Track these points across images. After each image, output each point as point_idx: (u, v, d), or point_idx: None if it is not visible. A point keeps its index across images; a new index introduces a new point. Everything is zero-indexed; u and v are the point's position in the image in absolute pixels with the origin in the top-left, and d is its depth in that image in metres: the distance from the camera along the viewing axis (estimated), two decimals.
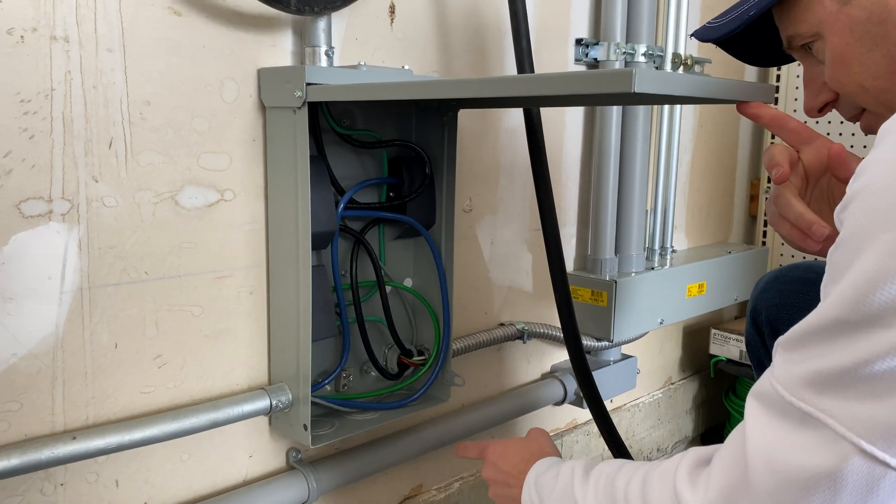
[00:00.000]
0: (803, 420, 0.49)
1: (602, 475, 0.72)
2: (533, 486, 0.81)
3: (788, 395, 0.50)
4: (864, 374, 0.46)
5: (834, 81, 0.68)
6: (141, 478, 0.93)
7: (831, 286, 0.49)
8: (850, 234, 0.49)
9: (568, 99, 0.92)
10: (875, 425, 0.45)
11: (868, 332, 0.46)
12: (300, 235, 0.94)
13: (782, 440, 0.50)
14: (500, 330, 1.36)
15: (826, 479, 0.47)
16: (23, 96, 0.78)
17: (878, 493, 0.46)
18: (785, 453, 0.50)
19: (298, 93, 0.90)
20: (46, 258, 0.82)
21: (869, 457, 0.46)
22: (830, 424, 0.47)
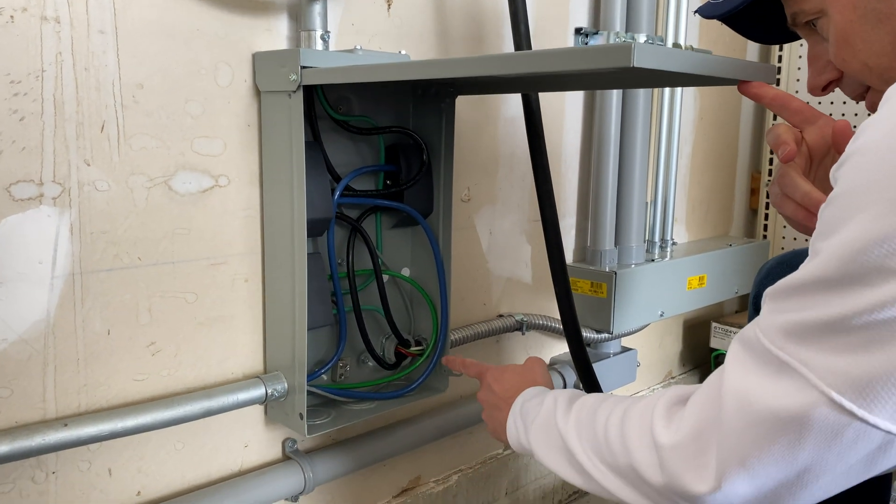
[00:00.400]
0: (780, 368, 0.51)
1: (584, 407, 0.73)
2: (518, 412, 0.83)
3: (768, 342, 0.52)
4: (843, 328, 0.47)
5: (838, 59, 0.67)
6: (134, 467, 0.92)
7: (820, 242, 0.50)
8: (843, 191, 0.49)
9: (567, 81, 0.91)
10: (846, 377, 0.47)
11: (852, 290, 0.47)
12: (295, 222, 0.93)
13: (757, 384, 0.52)
14: (499, 321, 1.35)
15: (793, 423, 0.49)
16: (12, 77, 0.77)
17: (843, 438, 0.48)
18: (758, 396, 0.51)
19: (293, 76, 0.88)
20: (37, 242, 0.81)
21: (837, 406, 0.47)
22: (804, 373, 0.49)
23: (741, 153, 2.03)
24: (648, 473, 0.60)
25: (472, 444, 1.39)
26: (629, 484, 0.64)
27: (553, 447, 0.74)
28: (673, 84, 0.85)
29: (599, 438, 0.68)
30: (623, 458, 0.64)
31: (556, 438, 0.74)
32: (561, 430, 0.73)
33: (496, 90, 1.05)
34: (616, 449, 0.65)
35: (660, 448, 0.59)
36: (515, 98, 1.31)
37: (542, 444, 0.76)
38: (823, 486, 0.51)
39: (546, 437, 0.76)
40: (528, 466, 1.49)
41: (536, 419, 0.78)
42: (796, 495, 0.52)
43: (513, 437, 0.84)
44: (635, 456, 0.62)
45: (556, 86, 0.95)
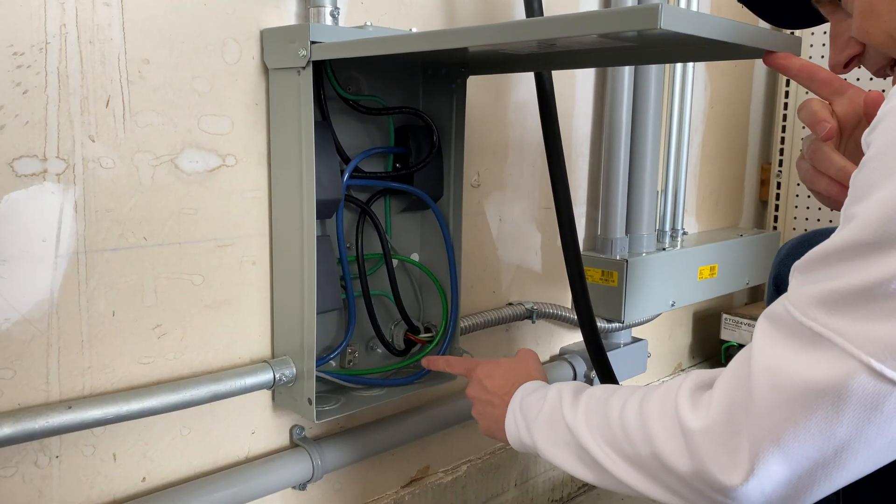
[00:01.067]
0: (813, 340, 0.48)
1: (594, 397, 0.70)
2: (518, 408, 0.79)
3: (799, 314, 0.49)
4: (880, 293, 0.45)
5: (861, 32, 0.65)
6: (139, 452, 0.90)
7: (853, 207, 0.48)
8: (876, 153, 0.47)
9: (582, 57, 0.88)
10: (885, 344, 0.44)
11: (890, 253, 0.44)
12: (304, 203, 0.91)
13: (789, 358, 0.49)
14: (509, 309, 1.32)
15: (830, 395, 0.46)
16: (16, 49, 0.75)
17: (884, 409, 0.45)
18: (791, 369, 0.48)
19: (303, 52, 0.86)
20: (41, 220, 0.79)
21: (876, 374, 0.44)
22: (839, 343, 0.46)
23: (751, 144, 2.01)
24: (674, 461, 0.57)
25: (481, 434, 1.36)
26: (650, 476, 0.60)
27: (561, 443, 0.71)
28: (694, 57, 0.82)
29: (615, 429, 0.64)
30: (644, 448, 0.60)
31: (565, 433, 0.70)
32: (569, 423, 0.69)
33: (509, 68, 1.03)
34: (635, 438, 0.61)
35: (688, 433, 0.55)
36: (526, 83, 1.29)
37: (548, 441, 0.73)
38: (861, 463, 0.48)
39: (552, 432, 0.72)
40: (538, 458, 1.47)
41: (540, 414, 0.75)
42: (833, 476, 0.49)
43: (513, 435, 0.80)
44: (659, 444, 0.58)
45: (571, 62, 0.93)
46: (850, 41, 0.68)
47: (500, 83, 1.27)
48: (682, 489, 0.57)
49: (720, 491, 0.53)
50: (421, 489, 1.25)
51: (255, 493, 0.97)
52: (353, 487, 1.15)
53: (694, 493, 0.56)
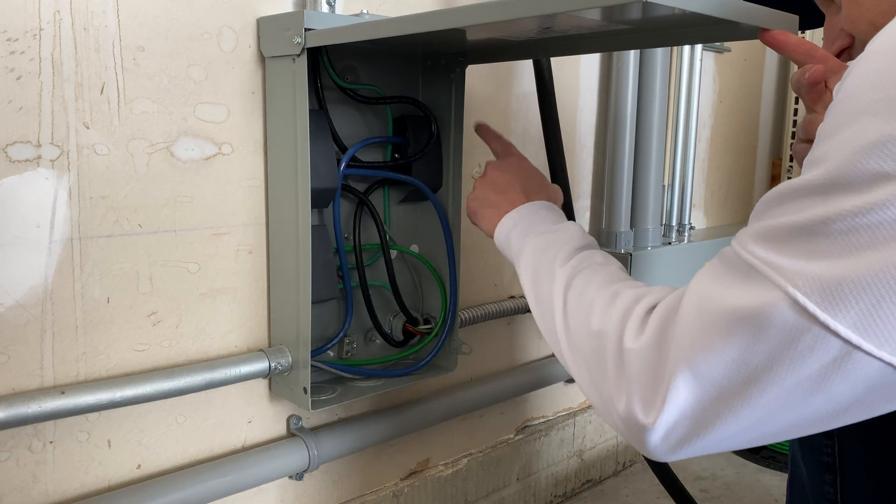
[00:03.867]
0: (746, 272, 0.47)
1: (588, 264, 0.68)
2: (527, 213, 0.77)
3: (739, 248, 0.48)
4: (820, 232, 0.43)
5: (848, 21, 0.65)
6: (134, 439, 0.90)
7: (814, 152, 0.47)
8: (842, 97, 0.46)
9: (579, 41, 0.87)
10: (814, 280, 0.43)
11: (840, 194, 0.43)
12: (300, 192, 0.91)
13: (720, 287, 0.48)
14: (511, 302, 1.32)
15: (751, 322, 0.45)
16: (9, 35, 0.75)
17: (799, 344, 0.44)
18: (718, 297, 0.48)
19: (297, 39, 0.86)
20: (35, 205, 0.79)
21: (799, 307, 0.43)
22: (769, 274, 0.45)
23: (762, 139, 1.98)
24: (610, 373, 0.56)
25: (482, 427, 1.36)
26: (588, 369, 0.60)
27: (538, 275, 0.70)
28: (692, 39, 0.81)
29: (582, 307, 0.63)
30: (593, 343, 0.59)
31: (547, 271, 0.69)
32: (556, 270, 0.68)
33: (507, 56, 1.02)
34: (592, 328, 0.60)
35: (625, 352, 0.55)
36: (527, 73, 1.28)
37: (529, 261, 0.71)
38: (767, 402, 0.47)
39: (539, 259, 0.71)
40: (541, 453, 1.46)
41: (542, 235, 0.73)
42: (736, 411, 0.48)
43: (504, 228, 0.78)
44: (605, 349, 0.58)
45: (570, 48, 0.92)
46: (840, 33, 0.68)
47: (502, 74, 1.26)
48: (606, 399, 0.57)
49: (634, 426, 0.52)
50: (420, 482, 1.24)
51: (251, 482, 0.97)
52: (352, 479, 1.15)
53: (613, 411, 0.56)
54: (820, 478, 0.80)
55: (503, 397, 1.33)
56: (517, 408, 1.42)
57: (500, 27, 0.79)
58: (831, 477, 0.79)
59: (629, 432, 0.53)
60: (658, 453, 0.52)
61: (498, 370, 1.36)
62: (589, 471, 1.59)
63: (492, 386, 1.30)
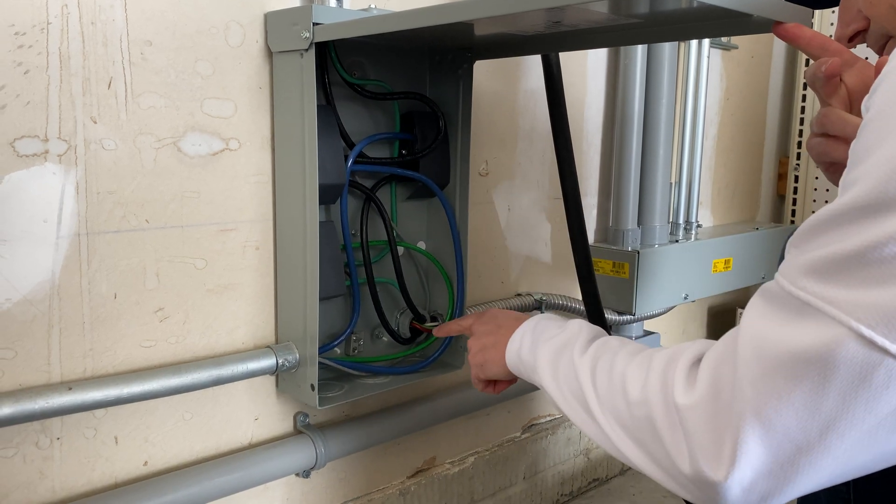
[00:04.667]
0: (801, 310, 0.45)
1: (605, 347, 0.67)
2: (531, 328, 0.76)
3: (789, 284, 0.46)
4: (872, 258, 0.41)
5: (866, 4, 0.64)
6: (141, 436, 0.90)
7: (849, 174, 0.45)
8: (875, 115, 0.45)
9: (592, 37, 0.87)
10: (877, 311, 0.41)
11: (885, 216, 0.41)
12: (307, 188, 0.90)
13: (775, 329, 0.46)
14: (517, 300, 1.31)
15: (816, 365, 0.42)
16: (17, 28, 0.75)
17: (872, 381, 0.41)
18: (775, 339, 0.45)
19: (305, 33, 0.86)
20: (42, 200, 0.79)
21: (867, 342, 0.41)
22: (829, 311, 0.43)
23: (768, 137, 1.97)
24: (666, 435, 0.53)
25: (488, 425, 1.35)
26: (638, 442, 0.57)
27: (561, 376, 0.68)
28: (703, 33, 0.80)
29: (615, 386, 0.61)
30: (639, 411, 0.57)
31: (568, 368, 0.67)
32: (576, 362, 0.66)
33: (515, 51, 1.02)
34: (633, 399, 0.58)
35: (678, 408, 0.52)
36: (536, 70, 1.27)
37: (548, 366, 0.70)
38: (848, 448, 0.44)
39: (557, 360, 0.69)
40: (547, 451, 1.46)
41: (552, 340, 0.71)
42: (817, 464, 0.45)
43: (513, 349, 0.76)
44: (654, 412, 0.55)
45: (578, 42, 0.91)
46: (857, 15, 0.67)
47: (510, 70, 1.26)
48: (667, 464, 0.54)
49: (705, 485, 0.50)
50: (427, 480, 1.23)
51: (258, 480, 0.96)
52: (358, 476, 1.14)
53: (678, 474, 0.53)
54: None
55: (510, 395, 1.32)
56: (524, 406, 1.42)
57: (508, 21, 0.78)
58: None
59: (702, 493, 0.50)
60: None
61: None
62: (596, 469, 1.58)
63: None
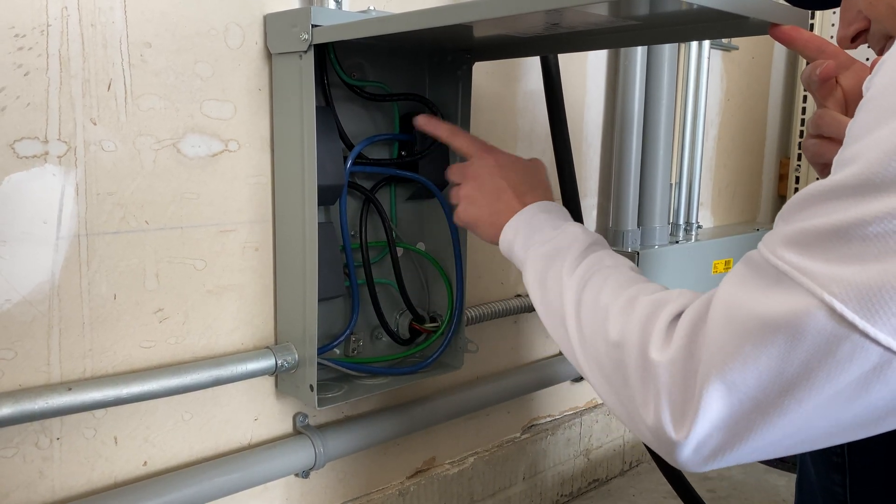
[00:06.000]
0: (777, 279, 0.45)
1: (598, 267, 0.66)
2: (527, 219, 0.75)
3: (768, 253, 0.46)
4: (855, 235, 0.42)
5: (866, 4, 0.64)
6: (141, 436, 0.90)
7: (846, 151, 0.45)
8: (873, 95, 0.45)
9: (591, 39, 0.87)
10: (852, 287, 0.41)
11: (876, 195, 0.41)
12: (306, 189, 0.91)
13: (749, 294, 0.46)
14: (517, 301, 1.31)
15: (784, 331, 0.43)
16: (17, 31, 0.75)
17: (837, 354, 0.42)
18: (746, 304, 0.45)
19: (304, 35, 0.86)
20: (42, 201, 0.79)
21: (837, 315, 0.41)
22: (803, 282, 0.43)
23: (769, 138, 1.97)
24: (636, 385, 0.53)
25: (488, 426, 1.35)
26: (608, 381, 0.57)
27: (546, 286, 0.67)
28: (700, 35, 0.80)
29: (598, 316, 0.60)
30: (614, 353, 0.56)
31: (555, 281, 0.67)
32: (564, 279, 0.65)
33: (514, 53, 1.02)
34: (611, 337, 0.57)
35: (651, 365, 0.52)
36: (535, 70, 1.28)
37: (535, 273, 0.69)
38: (803, 413, 0.44)
39: (545, 270, 0.69)
40: (547, 452, 1.46)
41: (545, 244, 0.71)
42: (771, 422, 0.45)
43: (506, 239, 0.76)
44: (628, 359, 0.54)
45: (577, 44, 0.91)
46: (857, 15, 0.67)
47: (509, 71, 1.26)
48: (631, 409, 0.54)
49: (664, 440, 0.50)
50: (426, 480, 1.24)
51: (257, 480, 0.97)
52: (358, 477, 1.15)
53: (640, 422, 0.53)
54: (829, 478, 0.79)
55: (509, 396, 1.33)
56: (523, 407, 1.42)
57: (507, 23, 0.78)
58: (840, 477, 0.78)
59: (659, 444, 0.51)
60: (690, 466, 0.50)
61: (504, 369, 1.35)
62: (595, 470, 1.58)
63: (498, 384, 1.30)
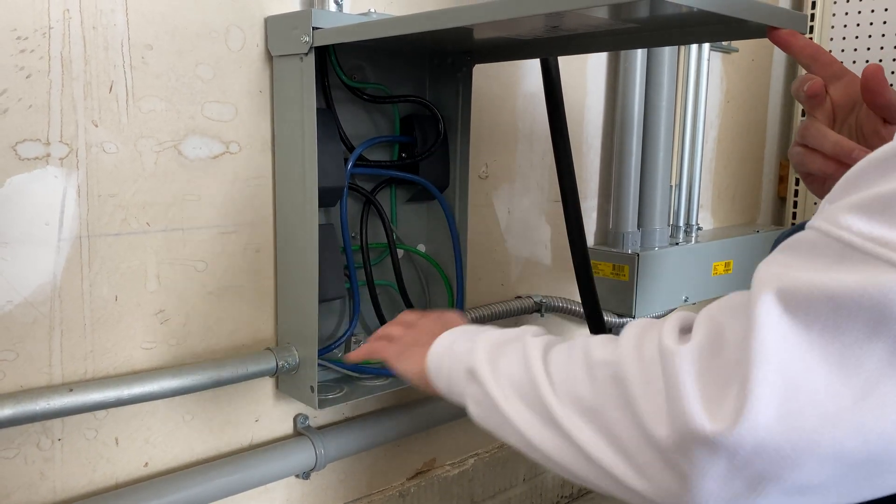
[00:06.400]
0: (842, 253, 0.37)
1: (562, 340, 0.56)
2: (461, 330, 0.63)
3: (828, 226, 0.38)
4: None
5: None
6: (141, 437, 0.90)
7: None
8: None
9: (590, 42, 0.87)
10: None
11: None
12: (307, 191, 0.91)
13: (810, 275, 0.37)
14: (517, 302, 1.31)
15: (865, 312, 0.35)
16: (19, 33, 0.76)
17: None
18: (810, 286, 0.37)
19: (305, 38, 0.86)
20: (44, 203, 0.79)
21: None
22: (880, 253, 0.35)
23: (769, 140, 1.98)
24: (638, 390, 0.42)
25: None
26: (598, 425, 0.45)
27: (505, 361, 0.54)
28: (699, 38, 0.81)
29: (575, 360, 0.49)
30: (604, 371, 0.46)
31: (515, 345, 0.54)
32: (527, 347, 0.54)
33: (514, 55, 1.02)
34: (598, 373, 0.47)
35: (668, 353, 0.42)
36: (535, 72, 1.28)
37: (490, 349, 0.57)
38: (879, 415, 0.35)
39: (501, 346, 0.56)
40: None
41: (502, 333, 0.60)
42: (840, 440, 0.35)
43: (443, 342, 0.62)
44: (626, 369, 0.44)
45: (577, 47, 0.92)
46: None
47: (510, 73, 1.26)
48: (634, 436, 0.43)
49: (691, 440, 0.38)
50: (427, 482, 1.24)
51: (258, 481, 0.97)
52: (358, 478, 1.15)
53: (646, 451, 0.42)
54: None
55: None
56: None
57: (507, 25, 0.79)
58: None
59: (684, 458, 0.39)
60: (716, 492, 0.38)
61: None
62: None
63: None
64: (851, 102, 0.65)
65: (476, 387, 0.56)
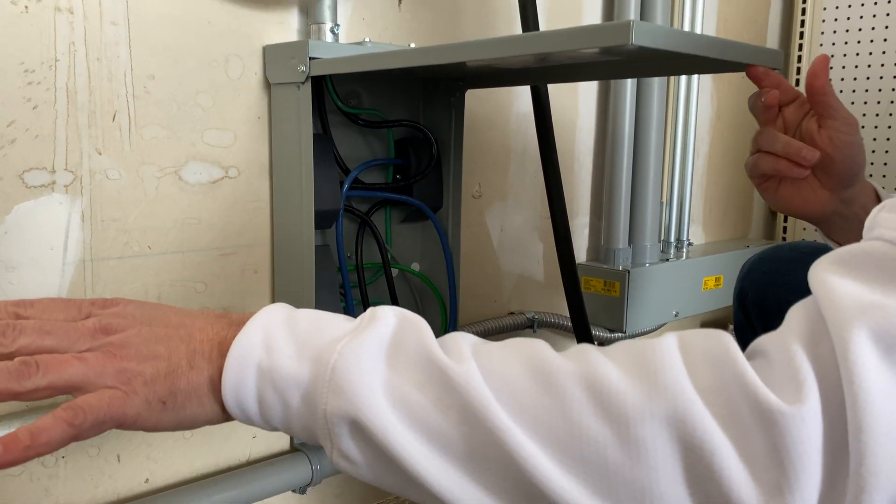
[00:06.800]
0: None
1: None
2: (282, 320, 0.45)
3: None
4: None
5: None
6: (143, 454, 0.93)
7: None
8: None
9: (574, 71, 0.91)
10: None
11: None
12: (304, 213, 0.94)
13: (882, 297, 0.32)
14: (510, 318, 1.34)
15: None
16: (26, 66, 0.79)
17: None
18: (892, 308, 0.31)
19: (302, 67, 0.89)
20: (49, 229, 0.82)
21: None
22: None
23: None
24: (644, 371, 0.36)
25: None
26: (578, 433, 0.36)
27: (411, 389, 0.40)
28: (681, 70, 0.84)
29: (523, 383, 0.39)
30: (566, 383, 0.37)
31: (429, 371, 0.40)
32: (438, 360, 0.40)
33: (505, 82, 1.05)
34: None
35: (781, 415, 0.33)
36: (527, 93, 1.31)
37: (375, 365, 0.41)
38: None
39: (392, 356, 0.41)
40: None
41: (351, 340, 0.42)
42: None
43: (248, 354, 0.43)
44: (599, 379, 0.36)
45: (566, 76, 0.95)
46: None
47: (502, 94, 1.29)
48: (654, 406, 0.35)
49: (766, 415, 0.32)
50: None
51: (256, 496, 0.99)
52: (354, 492, 1.17)
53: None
54: None
55: None
56: None
57: (497, 59, 0.82)
58: None
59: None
60: None
61: None
62: None
63: None
64: (800, 118, 0.72)
65: None
